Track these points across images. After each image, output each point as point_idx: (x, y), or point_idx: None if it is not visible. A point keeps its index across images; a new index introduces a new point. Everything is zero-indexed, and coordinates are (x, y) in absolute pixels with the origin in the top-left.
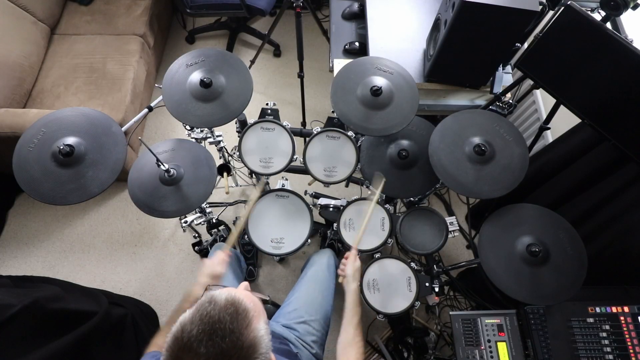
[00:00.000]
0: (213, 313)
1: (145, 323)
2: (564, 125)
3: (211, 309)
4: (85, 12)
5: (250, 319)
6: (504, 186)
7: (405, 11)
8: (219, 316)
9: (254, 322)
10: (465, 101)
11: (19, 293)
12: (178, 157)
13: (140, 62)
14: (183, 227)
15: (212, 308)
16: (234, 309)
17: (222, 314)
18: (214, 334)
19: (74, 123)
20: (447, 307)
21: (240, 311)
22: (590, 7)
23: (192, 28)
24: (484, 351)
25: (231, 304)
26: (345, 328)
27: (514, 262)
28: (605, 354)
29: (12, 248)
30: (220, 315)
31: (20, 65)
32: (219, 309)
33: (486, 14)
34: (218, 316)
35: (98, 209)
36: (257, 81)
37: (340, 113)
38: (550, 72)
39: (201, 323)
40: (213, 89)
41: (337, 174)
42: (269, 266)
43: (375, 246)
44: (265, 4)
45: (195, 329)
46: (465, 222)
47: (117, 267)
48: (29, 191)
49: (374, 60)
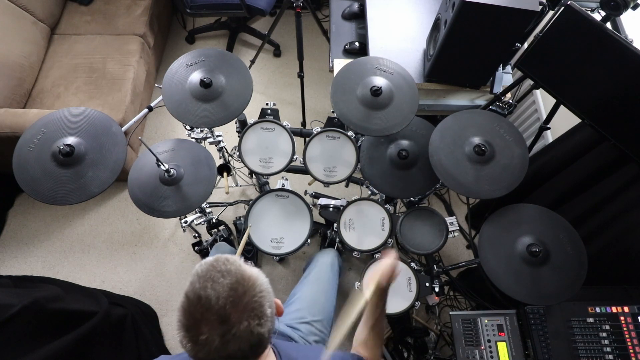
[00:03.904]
0: (205, 267)
1: (145, 323)
2: (564, 125)
3: (203, 266)
4: (85, 12)
5: (240, 262)
6: (504, 186)
7: (405, 11)
8: (213, 265)
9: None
10: (465, 101)
11: (19, 293)
12: (178, 157)
13: (140, 62)
14: (183, 227)
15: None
16: (224, 258)
17: (215, 263)
18: (214, 277)
19: (74, 123)
20: (447, 307)
21: (230, 258)
22: (590, 7)
23: (192, 28)
24: (484, 351)
25: (218, 258)
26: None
27: (514, 262)
28: (605, 354)
29: (12, 248)
30: (214, 264)
31: (20, 65)
32: (210, 262)
33: (486, 14)
34: (212, 265)
35: (98, 209)
36: (257, 81)
37: (340, 113)
38: (550, 72)
39: (199, 278)
40: (213, 89)
41: (337, 174)
42: (269, 266)
43: (375, 246)
44: (265, 4)
45: (197, 284)
46: (465, 222)
47: (117, 267)
48: (29, 191)
49: (374, 60)
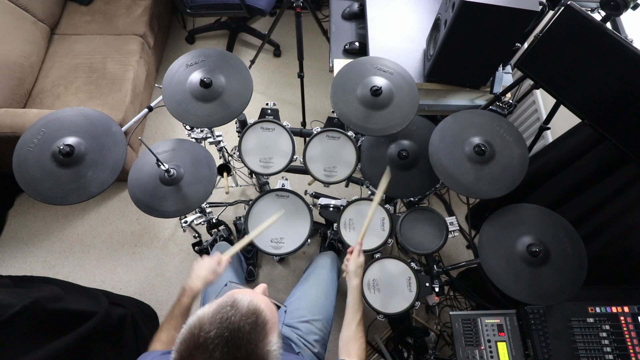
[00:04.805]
0: (234, 319)
1: (145, 323)
2: (564, 125)
3: (232, 314)
4: (85, 12)
5: (267, 331)
6: (504, 186)
7: (405, 11)
8: (239, 324)
9: (269, 335)
10: (465, 101)
11: (19, 293)
12: (178, 157)
13: (140, 62)
14: (183, 227)
15: (233, 313)
16: (255, 318)
17: (243, 323)
18: (231, 341)
19: (74, 123)
20: (447, 307)
21: (260, 322)
22: (590, 7)
23: (192, 28)
24: (484, 351)
25: (252, 313)
26: (348, 324)
27: (514, 262)
28: (605, 354)
29: (12, 248)
30: (241, 324)
31: (20, 65)
32: (240, 316)
33: (486, 14)
34: (238, 324)
35: (98, 209)
36: (257, 81)
37: (340, 113)
38: (550, 72)
39: (221, 327)
40: (213, 89)
41: (337, 174)
42: (269, 266)
43: (376, 246)
44: (265, 4)
45: (214, 331)
46: (465, 222)
47: (117, 267)
48: (29, 191)
49: (374, 60)
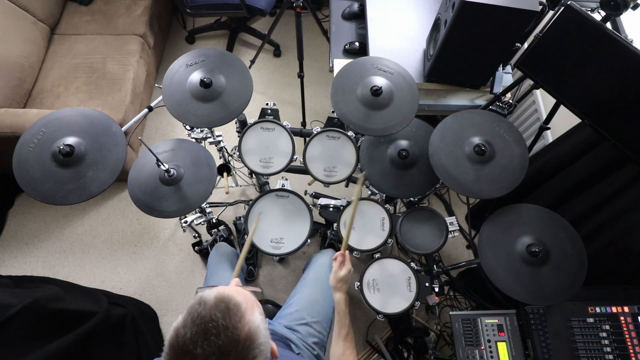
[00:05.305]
0: (204, 313)
1: (145, 323)
2: (564, 125)
3: (201, 309)
4: (85, 12)
5: (242, 312)
6: (504, 186)
7: (405, 11)
8: (210, 315)
9: (247, 314)
10: (465, 101)
11: (19, 293)
12: (178, 157)
13: (140, 62)
14: (183, 227)
15: (202, 308)
16: (225, 305)
17: (213, 312)
18: (207, 333)
19: (74, 123)
20: (447, 307)
21: (232, 306)
22: (590, 7)
23: (192, 28)
24: (484, 351)
25: (221, 301)
26: (335, 341)
27: (514, 262)
28: (605, 354)
29: (12, 248)
30: (212, 314)
31: (20, 65)
32: (209, 308)
33: (486, 14)
34: (209, 315)
35: (98, 209)
36: (257, 81)
37: (340, 113)
38: (550, 72)
39: (193, 325)
40: (213, 89)
41: (337, 174)
42: (268, 266)
43: (375, 246)
44: (265, 4)
45: (189, 332)
46: (465, 222)
47: (117, 267)
48: (29, 191)
49: (374, 60)
